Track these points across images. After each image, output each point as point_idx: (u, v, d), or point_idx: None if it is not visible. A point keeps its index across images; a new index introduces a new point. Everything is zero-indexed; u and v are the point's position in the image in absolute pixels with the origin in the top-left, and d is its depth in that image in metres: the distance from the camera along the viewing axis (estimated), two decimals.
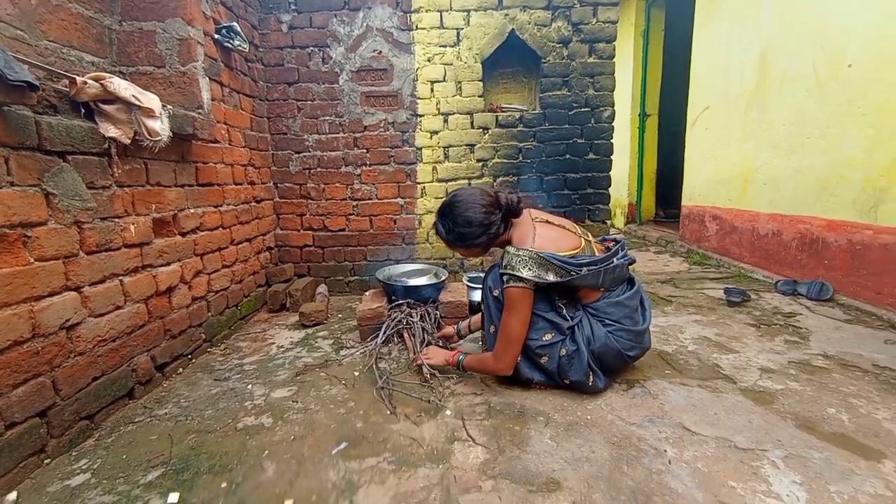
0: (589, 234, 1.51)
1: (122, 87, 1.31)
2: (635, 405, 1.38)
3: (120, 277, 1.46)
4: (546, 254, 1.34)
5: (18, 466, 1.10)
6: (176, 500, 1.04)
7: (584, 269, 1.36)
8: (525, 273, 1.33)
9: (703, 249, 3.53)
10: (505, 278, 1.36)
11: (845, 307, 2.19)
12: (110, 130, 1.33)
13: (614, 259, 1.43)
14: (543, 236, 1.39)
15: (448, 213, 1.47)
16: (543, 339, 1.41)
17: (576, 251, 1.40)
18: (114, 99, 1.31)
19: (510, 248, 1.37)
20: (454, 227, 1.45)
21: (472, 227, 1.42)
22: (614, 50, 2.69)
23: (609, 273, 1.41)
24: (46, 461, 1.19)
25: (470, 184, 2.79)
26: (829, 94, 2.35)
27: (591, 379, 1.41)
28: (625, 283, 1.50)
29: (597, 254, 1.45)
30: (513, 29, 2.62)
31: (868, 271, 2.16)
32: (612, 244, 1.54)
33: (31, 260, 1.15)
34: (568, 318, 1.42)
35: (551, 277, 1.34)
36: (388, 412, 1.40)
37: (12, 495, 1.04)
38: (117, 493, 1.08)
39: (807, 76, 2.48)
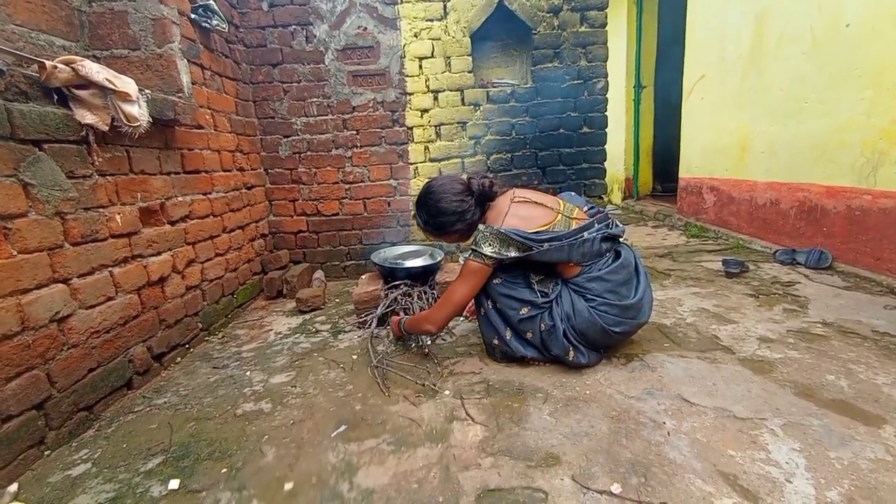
0: (575, 211, 1.47)
1: (95, 70, 1.26)
2: (634, 379, 1.38)
3: (109, 268, 1.43)
4: (508, 230, 1.34)
5: (18, 458, 1.10)
6: (177, 487, 1.04)
7: (546, 244, 1.34)
8: (486, 250, 1.35)
9: (701, 222, 3.51)
10: (469, 253, 1.41)
11: (844, 274, 2.19)
12: (86, 117, 1.28)
13: (584, 233, 1.38)
14: (516, 215, 1.40)
15: (423, 205, 1.53)
16: (521, 312, 1.42)
17: (546, 227, 1.38)
18: (87, 84, 1.26)
19: (480, 227, 1.40)
20: (430, 217, 1.52)
21: (446, 216, 1.48)
22: (606, 18, 2.61)
23: (577, 247, 1.37)
24: (47, 452, 1.19)
25: (464, 163, 2.74)
26: (826, 56, 2.28)
27: (571, 354, 1.40)
28: (605, 256, 1.44)
29: (573, 226, 1.41)
30: None
31: (867, 237, 2.15)
32: (595, 217, 1.47)
33: (14, 253, 1.12)
34: (542, 293, 1.42)
35: (513, 253, 1.35)
36: (387, 393, 1.40)
37: (13, 486, 1.04)
38: (118, 481, 1.08)
39: (804, 38, 2.41)
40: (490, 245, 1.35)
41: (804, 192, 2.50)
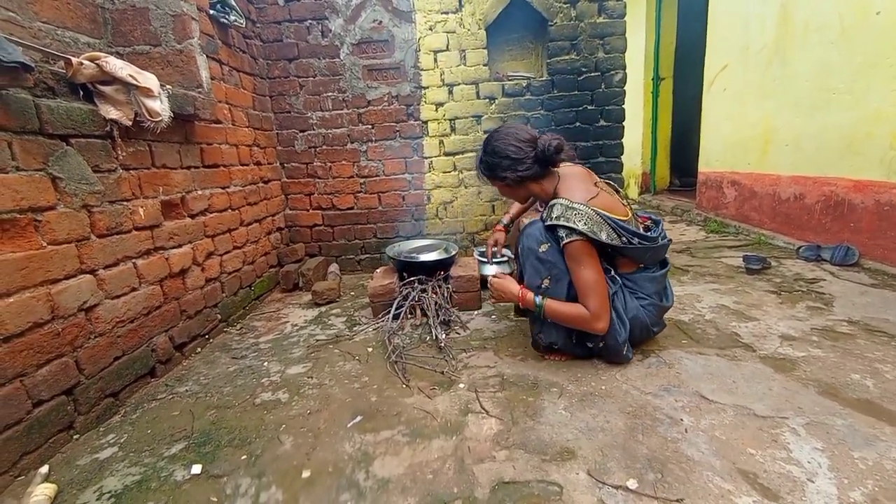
0: (630, 205, 1.47)
1: (119, 66, 1.28)
2: (651, 375, 1.36)
3: (133, 260, 1.47)
4: (600, 211, 1.29)
5: (48, 442, 1.15)
6: (199, 472, 1.07)
7: (637, 240, 1.33)
8: (580, 226, 1.26)
9: (721, 217, 3.43)
10: (562, 233, 1.28)
11: (871, 272, 2.11)
12: (111, 112, 1.32)
13: (660, 240, 1.40)
14: (596, 194, 1.34)
15: (486, 142, 1.46)
16: None
17: (626, 219, 1.35)
18: (111, 79, 1.29)
19: (561, 200, 1.30)
20: (485, 155, 1.44)
21: (499, 158, 1.39)
22: (625, 8, 2.55)
23: (654, 252, 1.38)
24: (75, 437, 1.23)
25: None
26: (855, 44, 2.20)
27: (625, 348, 1.39)
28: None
29: (640, 226, 1.42)
30: None
31: None
32: (648, 222, 1.50)
33: (44, 244, 1.16)
34: (610, 283, 1.37)
35: (604, 237, 1.28)
36: (403, 385, 1.41)
37: (44, 468, 1.09)
38: (143, 465, 1.12)
39: (831, 26, 2.32)
40: (582, 221, 1.26)
41: (830, 186, 2.42)
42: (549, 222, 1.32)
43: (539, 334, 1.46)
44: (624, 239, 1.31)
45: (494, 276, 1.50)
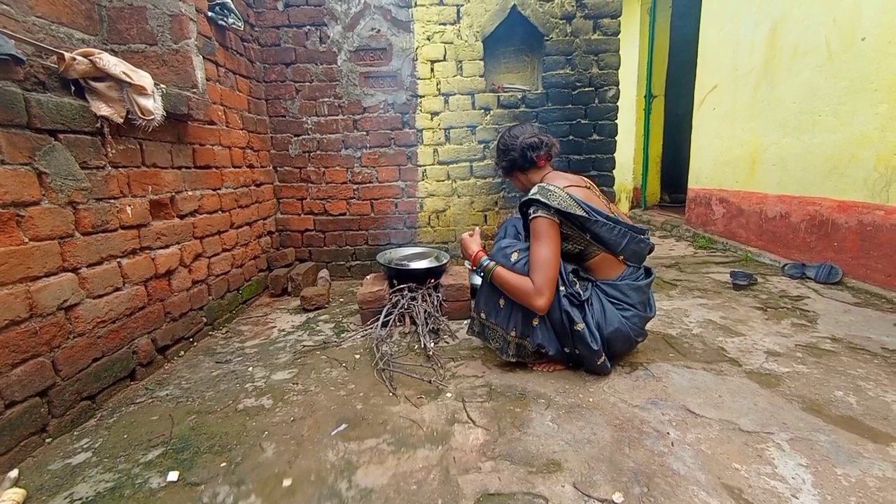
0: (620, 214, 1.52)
1: (113, 63, 1.27)
2: (638, 387, 1.36)
3: (118, 259, 1.44)
4: (576, 196, 1.36)
5: (20, 445, 1.11)
6: (175, 479, 1.04)
7: (607, 221, 1.37)
8: (553, 201, 1.33)
9: (710, 233, 3.48)
10: (532, 209, 1.35)
11: (855, 290, 2.15)
12: (102, 109, 1.30)
13: (641, 235, 1.43)
14: (577, 185, 1.43)
15: (502, 138, 1.57)
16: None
17: (601, 209, 1.41)
18: (104, 76, 1.28)
19: (540, 183, 1.40)
20: (508, 146, 1.53)
21: (518, 151, 1.50)
22: (619, 26, 2.61)
23: (633, 242, 1.40)
24: (48, 440, 1.19)
25: (472, 167, 2.74)
26: (841, 69, 2.27)
27: (600, 359, 1.38)
28: (642, 266, 1.48)
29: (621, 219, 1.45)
30: (514, 4, 2.54)
31: (879, 253, 2.12)
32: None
33: (26, 240, 1.13)
34: (575, 295, 1.37)
35: (578, 212, 1.34)
36: (389, 393, 1.39)
37: (14, 472, 1.05)
38: (118, 471, 1.08)
39: (818, 51, 2.39)
40: (556, 201, 1.33)
41: (815, 205, 2.47)
42: (522, 200, 1.40)
43: (521, 336, 1.42)
44: (592, 216, 1.36)
45: (468, 234, 1.56)
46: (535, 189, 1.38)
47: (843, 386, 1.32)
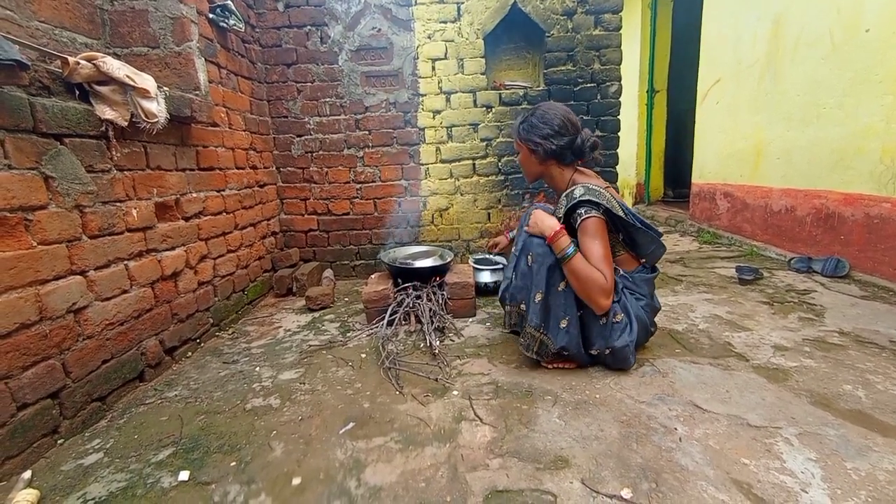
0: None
1: (116, 67, 1.28)
2: (645, 384, 1.36)
3: (125, 262, 1.45)
4: (616, 197, 1.42)
5: (32, 446, 1.12)
6: (186, 478, 1.05)
7: (641, 225, 1.42)
8: (601, 201, 1.35)
9: (714, 228, 3.46)
10: (583, 209, 1.36)
11: (862, 283, 2.14)
12: (106, 112, 1.31)
13: (660, 239, 1.49)
14: (607, 187, 1.46)
15: (536, 107, 1.51)
16: None
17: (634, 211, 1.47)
18: (108, 80, 1.29)
19: (583, 183, 1.40)
20: (532, 116, 1.49)
21: (542, 123, 1.45)
22: (620, 21, 2.59)
23: (659, 249, 1.46)
24: (60, 441, 1.21)
25: (475, 165, 2.74)
26: (845, 60, 2.25)
27: (632, 353, 1.41)
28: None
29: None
30: (515, 1, 2.52)
31: (886, 246, 2.10)
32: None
33: (34, 244, 1.14)
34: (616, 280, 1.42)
35: (620, 213, 1.39)
36: (396, 392, 1.40)
37: (27, 474, 1.06)
38: (129, 471, 1.09)
39: (822, 42, 2.37)
40: (604, 199, 1.36)
41: (821, 199, 2.46)
42: (573, 202, 1.38)
43: (546, 335, 1.40)
44: (630, 219, 1.41)
45: (537, 209, 1.47)
46: (580, 190, 1.37)
47: (851, 380, 1.32)
